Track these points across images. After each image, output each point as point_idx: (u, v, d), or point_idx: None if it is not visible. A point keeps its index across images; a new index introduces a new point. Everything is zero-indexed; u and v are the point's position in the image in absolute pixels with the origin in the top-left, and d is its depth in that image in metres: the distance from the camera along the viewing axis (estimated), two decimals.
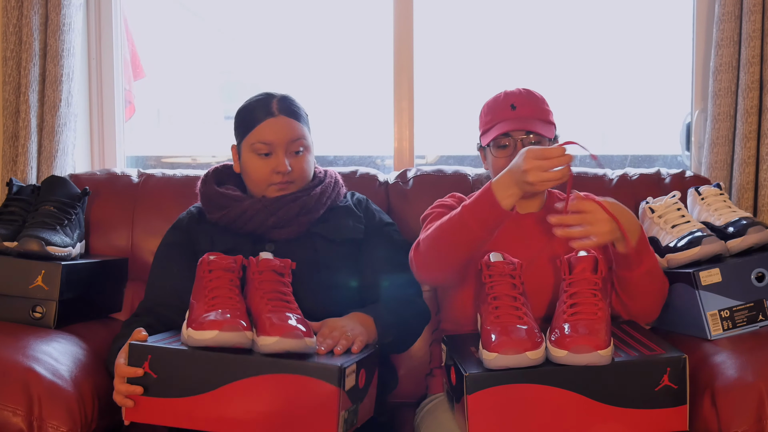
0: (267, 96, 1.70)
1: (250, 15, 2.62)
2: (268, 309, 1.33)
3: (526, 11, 2.53)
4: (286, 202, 1.65)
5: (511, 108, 1.65)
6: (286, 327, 1.28)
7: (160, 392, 1.30)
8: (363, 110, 2.58)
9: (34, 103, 2.15)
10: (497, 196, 1.40)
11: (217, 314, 1.30)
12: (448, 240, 1.47)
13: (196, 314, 1.33)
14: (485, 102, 1.73)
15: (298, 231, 1.67)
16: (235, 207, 1.65)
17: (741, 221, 1.69)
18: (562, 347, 1.29)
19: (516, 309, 1.37)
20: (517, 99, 1.66)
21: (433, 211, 1.68)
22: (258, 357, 1.28)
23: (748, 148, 2.09)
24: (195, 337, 1.29)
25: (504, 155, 1.64)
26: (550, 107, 1.70)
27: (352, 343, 1.40)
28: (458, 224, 1.45)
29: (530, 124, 1.62)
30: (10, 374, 1.41)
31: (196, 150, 2.68)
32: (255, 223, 1.64)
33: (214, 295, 1.35)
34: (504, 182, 1.41)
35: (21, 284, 1.67)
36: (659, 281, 1.56)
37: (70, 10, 2.16)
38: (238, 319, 1.29)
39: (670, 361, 1.31)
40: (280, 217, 1.64)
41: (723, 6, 2.10)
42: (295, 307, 1.38)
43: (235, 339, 1.28)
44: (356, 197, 1.81)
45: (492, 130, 1.65)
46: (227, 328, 1.27)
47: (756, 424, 1.32)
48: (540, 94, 1.70)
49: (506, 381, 1.29)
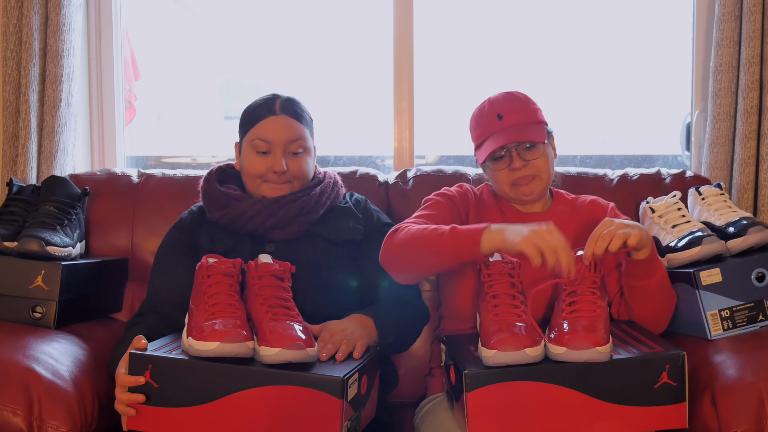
0: (273, 96, 1.72)
1: (249, 15, 2.62)
2: (269, 317, 1.32)
3: (526, 11, 2.53)
4: (286, 203, 1.66)
5: (497, 118, 1.63)
6: (288, 337, 1.27)
7: (161, 402, 1.29)
8: (363, 110, 2.58)
9: (34, 103, 2.15)
10: (482, 237, 1.41)
11: (218, 324, 1.28)
12: (421, 246, 1.48)
13: (196, 322, 1.32)
14: (472, 114, 1.71)
15: (297, 231, 1.67)
16: (235, 207, 1.66)
17: (741, 221, 1.69)
18: (561, 344, 1.30)
19: (515, 307, 1.37)
20: (501, 107, 1.64)
21: (433, 198, 1.68)
22: (259, 368, 1.27)
23: (748, 148, 2.09)
24: (196, 348, 1.28)
25: (502, 167, 1.64)
26: (537, 104, 1.68)
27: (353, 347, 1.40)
28: (438, 239, 1.46)
29: (520, 133, 1.61)
30: (10, 374, 1.41)
31: (196, 150, 2.68)
32: (255, 224, 1.65)
33: (213, 302, 1.34)
34: (498, 230, 1.41)
35: (21, 284, 1.67)
36: (669, 292, 1.58)
37: (70, 10, 2.16)
38: (240, 329, 1.28)
39: (668, 358, 1.31)
40: (280, 217, 1.64)
41: (723, 6, 2.10)
42: (296, 313, 1.37)
43: (237, 350, 1.27)
44: (355, 198, 1.81)
45: (484, 145, 1.65)
46: (228, 339, 1.26)
47: (756, 424, 1.32)
48: (523, 95, 1.68)
49: (505, 378, 1.29)
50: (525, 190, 1.64)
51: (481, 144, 1.66)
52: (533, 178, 1.64)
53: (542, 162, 1.63)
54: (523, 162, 1.62)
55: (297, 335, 1.29)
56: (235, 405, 1.27)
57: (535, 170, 1.63)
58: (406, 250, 1.51)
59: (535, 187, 1.64)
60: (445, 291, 1.73)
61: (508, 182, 1.64)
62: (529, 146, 1.62)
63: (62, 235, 1.77)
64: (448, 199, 1.68)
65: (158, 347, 1.36)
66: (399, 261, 1.54)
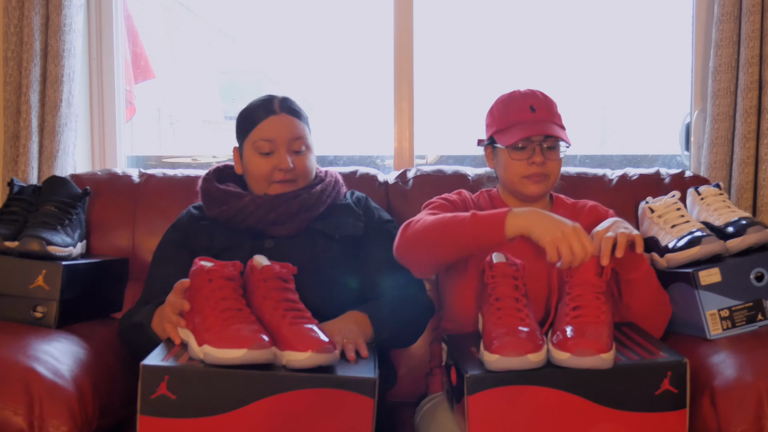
0: (269, 97, 1.72)
1: (250, 15, 2.63)
2: (288, 322, 1.29)
3: (526, 12, 2.53)
4: (287, 199, 1.66)
5: (530, 110, 1.64)
6: (317, 341, 1.25)
7: (180, 413, 1.23)
8: (363, 110, 2.58)
9: (35, 104, 2.15)
10: (507, 221, 1.42)
11: (238, 330, 1.25)
12: (440, 233, 1.48)
13: (208, 329, 1.28)
14: (499, 98, 1.71)
15: (297, 228, 1.67)
16: (235, 203, 1.66)
17: (740, 221, 1.69)
18: (565, 350, 1.29)
19: (518, 310, 1.37)
20: (534, 101, 1.65)
21: (437, 201, 1.69)
22: (288, 373, 1.24)
23: (747, 148, 2.09)
24: (217, 356, 1.23)
25: (522, 158, 1.64)
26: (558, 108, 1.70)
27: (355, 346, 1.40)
28: (460, 224, 1.46)
29: (550, 128, 1.62)
30: (11, 374, 1.41)
31: (196, 150, 2.68)
32: (255, 219, 1.65)
33: (223, 307, 1.30)
34: (523, 215, 1.42)
35: (22, 284, 1.67)
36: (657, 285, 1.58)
37: (70, 10, 2.16)
38: (261, 334, 1.25)
39: (671, 365, 1.31)
40: (280, 213, 1.65)
41: (722, 6, 2.10)
42: (310, 315, 1.35)
43: (264, 356, 1.23)
44: (356, 195, 1.82)
45: (511, 130, 1.64)
46: (255, 346, 1.22)
47: (755, 423, 1.32)
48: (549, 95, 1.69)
49: (507, 382, 1.28)
50: (533, 188, 1.65)
51: (506, 129, 1.65)
52: (545, 177, 1.65)
53: (557, 165, 1.66)
54: (543, 159, 1.63)
55: (323, 338, 1.26)
56: (262, 412, 1.23)
57: (549, 171, 1.65)
58: (424, 238, 1.50)
59: (543, 188, 1.66)
60: (445, 296, 1.74)
61: (521, 173, 1.65)
62: (551, 147, 1.63)
63: (63, 234, 1.77)
64: (450, 203, 1.69)
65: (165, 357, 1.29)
66: (416, 251, 1.54)
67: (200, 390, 1.23)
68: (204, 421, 1.23)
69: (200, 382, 1.23)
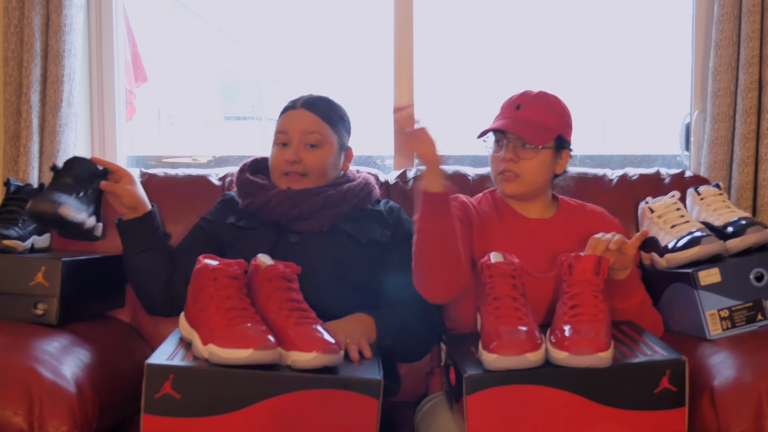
0: (302, 95, 1.79)
1: (250, 15, 2.63)
2: (293, 322, 1.29)
3: (526, 12, 2.53)
4: (311, 195, 1.69)
5: (515, 107, 1.65)
6: (323, 341, 1.25)
7: (183, 412, 1.23)
8: (363, 110, 2.58)
9: (36, 104, 2.15)
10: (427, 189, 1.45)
11: (244, 330, 1.25)
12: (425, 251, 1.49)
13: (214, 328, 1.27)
14: None
15: (321, 224, 1.69)
16: (261, 195, 1.70)
17: (740, 221, 1.70)
18: (563, 349, 1.29)
19: (516, 309, 1.37)
20: (525, 100, 1.65)
21: None
22: (293, 373, 1.24)
23: (747, 148, 2.09)
24: (223, 356, 1.23)
25: (496, 152, 1.66)
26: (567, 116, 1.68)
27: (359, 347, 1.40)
28: (420, 234, 1.48)
29: (519, 127, 1.61)
30: (11, 374, 1.41)
31: (196, 150, 2.69)
32: (278, 213, 1.68)
33: (228, 306, 1.30)
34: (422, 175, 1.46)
35: (21, 281, 1.66)
36: (651, 316, 1.61)
37: (71, 10, 2.16)
38: (267, 335, 1.25)
39: (669, 363, 1.32)
40: (302, 209, 1.67)
41: (722, 6, 2.10)
42: (314, 315, 1.35)
43: (270, 357, 1.23)
44: (390, 205, 1.82)
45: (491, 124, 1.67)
46: (261, 346, 1.22)
47: (755, 423, 1.32)
48: (555, 98, 1.68)
49: (506, 382, 1.29)
50: (503, 186, 1.66)
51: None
52: (516, 176, 1.63)
53: (531, 166, 1.63)
54: (513, 157, 1.62)
55: (329, 339, 1.26)
56: (267, 412, 1.23)
57: (521, 171, 1.63)
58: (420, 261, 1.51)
59: (515, 187, 1.64)
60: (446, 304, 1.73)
61: (496, 169, 1.67)
62: (526, 145, 1.62)
63: (77, 201, 1.73)
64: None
65: (169, 356, 1.30)
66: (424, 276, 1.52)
67: (205, 389, 1.23)
68: (208, 420, 1.23)
69: (205, 382, 1.24)
